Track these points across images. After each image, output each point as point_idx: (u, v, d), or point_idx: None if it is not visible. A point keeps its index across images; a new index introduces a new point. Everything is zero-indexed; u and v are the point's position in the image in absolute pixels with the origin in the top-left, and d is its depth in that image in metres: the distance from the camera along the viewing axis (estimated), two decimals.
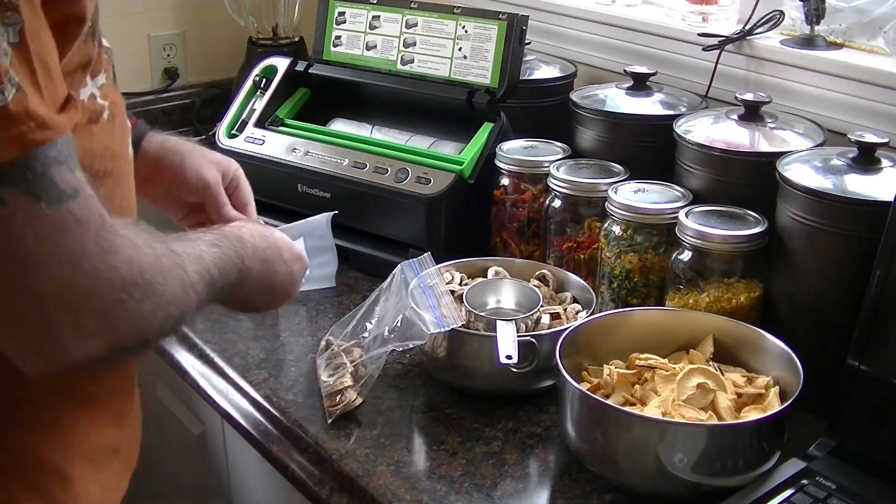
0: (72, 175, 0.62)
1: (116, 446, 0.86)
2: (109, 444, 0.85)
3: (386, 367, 1.09)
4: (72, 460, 0.81)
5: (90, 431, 0.83)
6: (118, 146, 0.78)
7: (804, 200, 0.98)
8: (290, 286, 0.93)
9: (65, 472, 0.80)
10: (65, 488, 0.80)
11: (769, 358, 0.96)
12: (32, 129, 0.59)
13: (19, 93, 0.58)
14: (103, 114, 0.75)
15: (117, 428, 0.87)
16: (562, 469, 0.94)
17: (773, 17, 1.28)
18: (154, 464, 1.40)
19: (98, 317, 0.64)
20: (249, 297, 0.87)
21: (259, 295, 0.88)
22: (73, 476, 0.80)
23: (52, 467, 0.79)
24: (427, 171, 1.27)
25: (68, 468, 0.80)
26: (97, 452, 0.84)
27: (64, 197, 0.61)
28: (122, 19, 1.82)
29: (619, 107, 1.26)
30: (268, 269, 0.87)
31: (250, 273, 0.83)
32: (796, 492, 0.86)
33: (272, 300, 0.92)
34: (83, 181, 0.63)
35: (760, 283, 1.04)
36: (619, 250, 1.10)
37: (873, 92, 1.16)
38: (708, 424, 0.87)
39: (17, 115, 0.58)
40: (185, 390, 1.21)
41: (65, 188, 0.61)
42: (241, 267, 0.82)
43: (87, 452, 0.82)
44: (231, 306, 0.87)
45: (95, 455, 0.83)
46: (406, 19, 1.39)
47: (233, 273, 0.80)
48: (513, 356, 0.96)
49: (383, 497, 0.90)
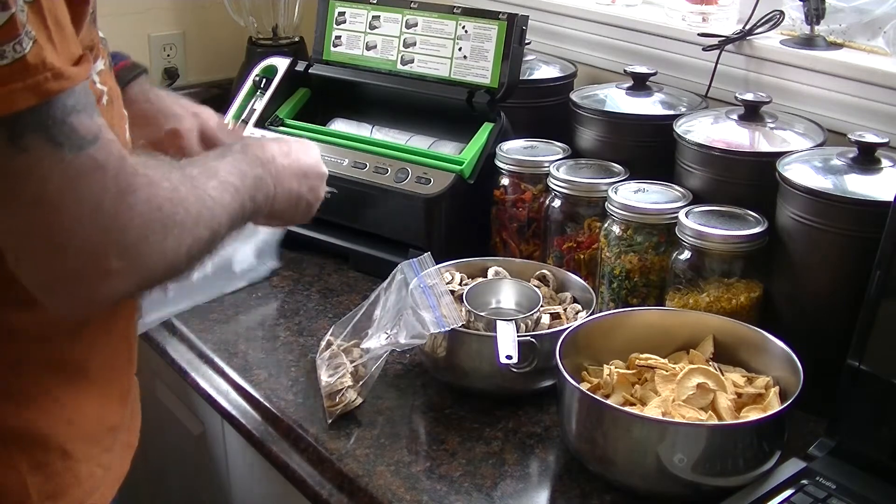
0: (91, 121, 0.65)
1: (117, 424, 0.87)
2: (111, 423, 0.86)
3: (386, 367, 1.09)
4: (74, 439, 0.81)
5: (92, 409, 0.83)
6: (117, 130, 0.80)
7: (804, 200, 0.98)
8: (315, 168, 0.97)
9: (68, 451, 0.80)
10: (69, 468, 0.80)
11: (769, 358, 0.96)
12: (49, 79, 0.62)
13: (35, 45, 0.61)
14: (102, 98, 0.78)
15: (119, 405, 0.87)
16: (562, 469, 0.94)
17: (773, 17, 1.28)
18: (154, 464, 1.40)
19: (122, 257, 0.67)
20: (276, 198, 0.89)
21: (285, 194, 0.91)
22: (76, 455, 0.81)
23: (56, 446, 0.80)
24: (427, 171, 1.27)
25: (71, 447, 0.81)
26: (99, 432, 0.84)
27: (85, 143, 0.64)
28: (122, 19, 1.82)
29: (619, 107, 1.26)
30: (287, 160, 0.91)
31: (272, 164, 0.88)
32: (796, 492, 0.86)
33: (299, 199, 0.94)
34: (102, 126, 0.66)
35: (760, 283, 1.04)
36: (619, 250, 1.10)
37: (873, 92, 1.16)
38: (708, 424, 0.87)
39: (34, 66, 0.61)
40: (185, 390, 1.21)
41: (85, 134, 0.64)
42: (261, 165, 0.86)
43: (89, 431, 0.83)
44: (264, 214, 0.89)
45: (98, 435, 0.84)
46: (406, 19, 1.39)
47: (253, 170, 0.84)
48: (513, 356, 0.96)
49: (383, 497, 0.90)
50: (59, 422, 0.80)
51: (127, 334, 0.89)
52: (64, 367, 0.80)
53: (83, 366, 0.82)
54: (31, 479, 0.78)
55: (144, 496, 1.49)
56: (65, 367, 0.80)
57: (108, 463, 0.86)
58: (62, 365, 0.80)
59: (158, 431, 1.32)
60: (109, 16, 1.10)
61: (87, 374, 0.82)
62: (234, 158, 0.83)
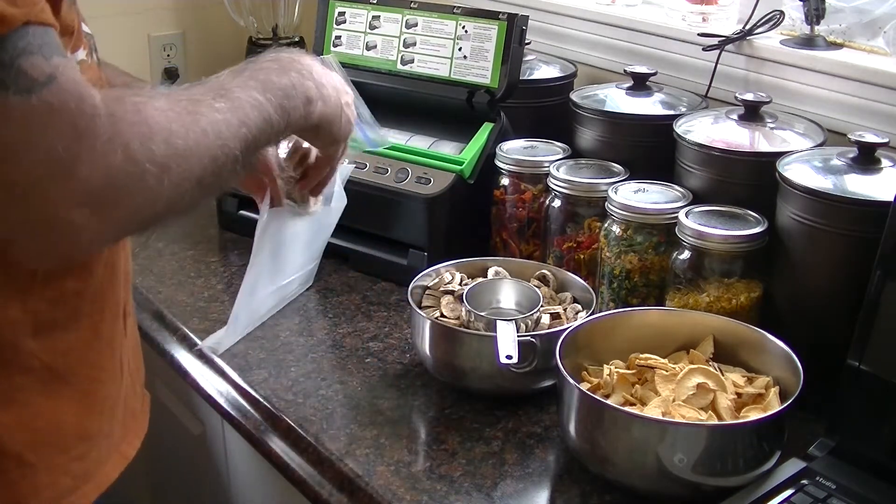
0: (46, 62, 0.61)
1: (94, 433, 0.83)
2: (85, 432, 0.82)
3: (386, 367, 1.09)
4: (36, 447, 0.77)
5: (64, 416, 0.79)
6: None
7: (804, 200, 0.98)
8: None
9: (26, 459, 0.77)
10: (24, 475, 0.77)
11: (769, 358, 0.96)
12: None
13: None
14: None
15: (100, 413, 0.83)
16: (562, 469, 0.94)
17: (773, 17, 1.28)
18: (154, 464, 1.40)
19: (86, 205, 0.63)
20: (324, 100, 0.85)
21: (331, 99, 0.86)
22: (35, 464, 0.77)
23: (13, 454, 0.76)
24: (427, 171, 1.27)
25: (29, 455, 0.77)
26: (69, 440, 0.80)
27: (35, 86, 0.60)
28: (122, 19, 1.82)
29: (619, 107, 1.26)
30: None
31: (309, 69, 0.83)
32: (796, 492, 0.86)
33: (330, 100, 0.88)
34: (61, 66, 0.62)
35: (760, 283, 1.04)
36: (619, 250, 1.10)
37: (873, 92, 1.16)
38: (708, 424, 0.87)
39: None
40: (185, 390, 1.21)
41: (37, 76, 0.61)
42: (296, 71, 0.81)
43: (55, 440, 0.79)
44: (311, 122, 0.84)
45: (66, 443, 0.80)
46: (406, 19, 1.39)
47: (283, 78, 0.80)
48: (513, 356, 0.96)
49: (383, 497, 0.90)
50: (21, 428, 0.76)
51: (111, 341, 0.85)
52: (36, 371, 0.77)
53: (59, 371, 0.78)
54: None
55: (144, 496, 1.49)
56: (37, 371, 0.77)
57: (81, 472, 0.81)
58: (33, 369, 0.76)
59: (158, 431, 1.32)
60: (109, 16, 1.11)
61: (66, 380, 0.79)
62: (256, 69, 0.78)
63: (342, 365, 1.11)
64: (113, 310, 0.85)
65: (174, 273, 1.33)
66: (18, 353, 0.76)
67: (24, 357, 0.76)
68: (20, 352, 0.76)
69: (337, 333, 1.18)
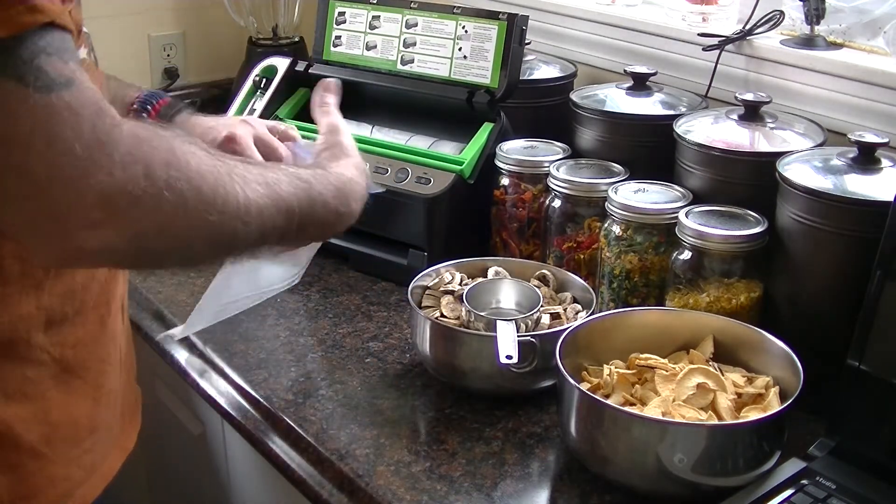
0: (65, 66, 0.62)
1: (99, 426, 0.84)
2: (94, 424, 0.84)
3: (386, 367, 1.09)
4: (51, 440, 0.79)
5: (77, 409, 0.81)
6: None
7: (804, 200, 0.98)
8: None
9: (41, 452, 0.78)
10: (41, 468, 0.78)
11: (769, 358, 0.96)
12: (21, 12, 0.60)
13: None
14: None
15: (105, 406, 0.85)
16: (562, 469, 0.94)
17: (773, 17, 1.28)
18: (154, 464, 1.40)
19: (103, 209, 0.64)
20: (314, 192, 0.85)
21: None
22: (50, 457, 0.79)
23: (28, 447, 0.77)
24: (427, 171, 1.27)
25: (45, 448, 0.78)
26: (80, 433, 0.82)
27: (54, 85, 0.62)
28: (122, 19, 1.81)
29: (619, 107, 1.26)
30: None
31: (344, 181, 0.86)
32: (796, 492, 0.86)
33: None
34: (79, 73, 0.63)
35: (760, 283, 1.04)
36: (619, 250, 1.10)
37: (873, 92, 1.16)
38: (708, 424, 0.87)
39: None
40: (185, 390, 1.21)
41: (55, 77, 0.62)
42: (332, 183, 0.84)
43: (68, 433, 0.81)
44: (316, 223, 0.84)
45: (78, 436, 0.82)
46: (406, 19, 1.39)
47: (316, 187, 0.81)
48: (513, 356, 0.96)
49: (383, 497, 0.90)
50: (36, 421, 0.78)
51: (114, 334, 0.87)
52: (48, 365, 0.78)
53: (69, 364, 0.80)
54: (2, 480, 0.77)
55: (144, 496, 1.49)
56: (48, 365, 0.78)
57: (90, 464, 0.83)
58: (45, 363, 0.78)
59: (158, 431, 1.32)
60: (109, 16, 1.12)
61: (76, 373, 0.81)
62: (313, 183, 0.80)
63: (342, 365, 1.11)
64: (116, 303, 0.87)
65: (174, 273, 1.33)
66: (31, 348, 0.77)
67: (35, 351, 0.78)
68: (32, 346, 0.77)
69: (337, 333, 1.18)
